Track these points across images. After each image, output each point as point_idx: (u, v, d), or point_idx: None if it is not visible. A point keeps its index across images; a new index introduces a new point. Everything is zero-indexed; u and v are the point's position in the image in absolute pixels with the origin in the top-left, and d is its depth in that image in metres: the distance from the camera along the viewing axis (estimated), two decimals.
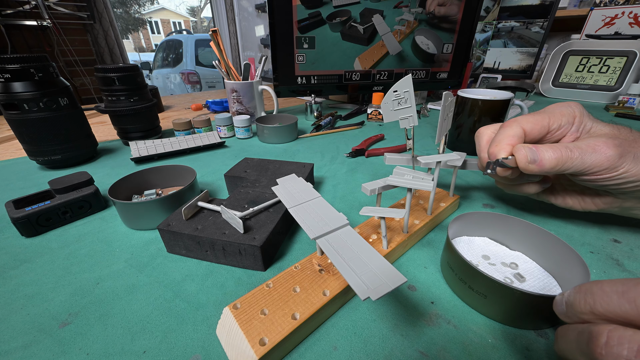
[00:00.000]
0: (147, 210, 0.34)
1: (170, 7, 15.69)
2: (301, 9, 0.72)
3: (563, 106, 0.27)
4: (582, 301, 0.14)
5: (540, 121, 0.26)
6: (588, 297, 0.14)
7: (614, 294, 0.13)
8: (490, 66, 1.19)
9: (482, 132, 0.31)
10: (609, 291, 0.14)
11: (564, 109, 0.26)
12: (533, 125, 0.26)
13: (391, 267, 0.19)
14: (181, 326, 0.23)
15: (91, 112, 0.99)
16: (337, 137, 0.69)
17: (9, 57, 0.44)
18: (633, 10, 1.00)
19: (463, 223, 0.29)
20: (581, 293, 0.15)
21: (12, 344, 0.22)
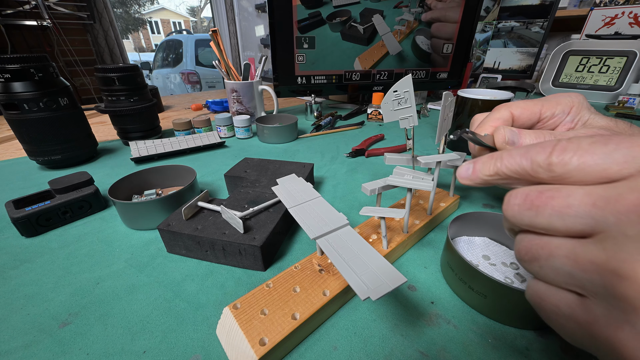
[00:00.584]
0: (147, 210, 0.34)
1: (170, 7, 15.70)
2: (301, 9, 0.72)
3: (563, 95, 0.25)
4: (491, 165, 0.16)
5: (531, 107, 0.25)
6: (497, 162, 0.16)
7: (517, 155, 0.15)
8: (490, 66, 1.19)
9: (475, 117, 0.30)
10: (515, 153, 0.15)
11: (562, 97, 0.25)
12: (522, 111, 0.25)
13: (391, 267, 0.19)
14: (181, 326, 0.23)
15: (91, 112, 0.99)
16: (337, 137, 0.69)
17: (9, 57, 0.44)
18: (633, 10, 1.00)
19: (463, 223, 0.29)
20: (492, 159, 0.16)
21: (12, 344, 0.22)
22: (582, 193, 0.12)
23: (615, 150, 0.12)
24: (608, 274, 0.11)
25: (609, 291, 0.11)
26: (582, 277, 0.12)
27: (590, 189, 0.12)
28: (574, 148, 0.13)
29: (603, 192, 0.12)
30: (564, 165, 0.13)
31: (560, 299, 0.13)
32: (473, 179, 0.18)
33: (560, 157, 0.13)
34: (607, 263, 0.11)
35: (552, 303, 0.14)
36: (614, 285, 0.11)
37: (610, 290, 0.11)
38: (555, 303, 0.13)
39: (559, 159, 0.13)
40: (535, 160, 0.14)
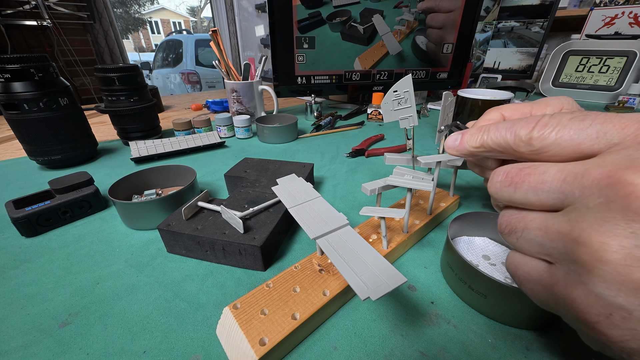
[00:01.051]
0: (147, 210, 0.34)
1: (170, 7, 15.70)
2: (301, 9, 0.72)
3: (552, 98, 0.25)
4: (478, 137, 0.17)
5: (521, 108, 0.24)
6: (484, 134, 0.17)
7: (503, 129, 0.16)
8: (490, 66, 1.19)
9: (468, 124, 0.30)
10: (501, 127, 0.16)
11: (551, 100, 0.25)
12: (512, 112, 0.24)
13: (391, 267, 0.19)
14: (181, 326, 0.23)
15: (91, 112, 0.99)
16: (337, 137, 0.69)
17: (9, 57, 0.44)
18: (633, 10, 1.00)
19: (463, 223, 0.29)
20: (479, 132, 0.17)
21: (12, 344, 0.22)
22: (556, 170, 0.13)
23: (589, 126, 0.13)
24: (570, 242, 0.12)
25: (569, 256, 0.12)
26: (549, 246, 0.13)
27: (563, 165, 0.13)
28: (554, 123, 0.14)
29: (573, 168, 0.13)
30: (542, 139, 0.14)
31: (531, 266, 0.15)
32: (460, 149, 0.19)
33: (541, 132, 0.14)
34: (570, 232, 0.12)
35: (525, 270, 0.15)
36: (573, 251, 0.12)
37: (570, 255, 0.12)
38: (527, 270, 0.15)
39: (539, 134, 0.14)
40: (518, 134, 0.15)
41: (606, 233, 0.11)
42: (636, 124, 0.12)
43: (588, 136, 0.13)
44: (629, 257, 0.10)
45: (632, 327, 0.11)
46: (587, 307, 0.12)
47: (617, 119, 0.13)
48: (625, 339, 0.11)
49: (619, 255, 0.11)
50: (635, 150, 0.11)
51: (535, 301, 0.15)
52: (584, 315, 0.12)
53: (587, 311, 0.12)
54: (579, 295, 0.12)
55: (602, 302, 0.11)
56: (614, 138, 0.12)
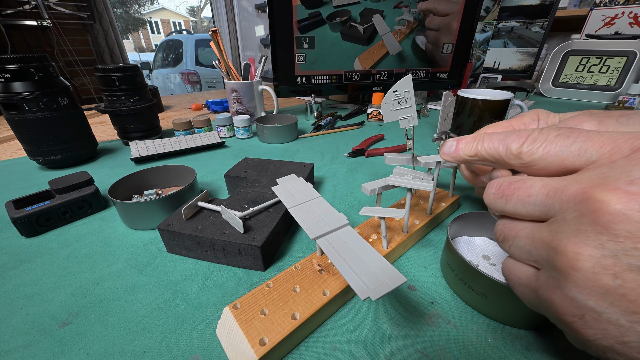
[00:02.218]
0: (147, 210, 0.34)
1: (170, 7, 15.70)
2: (301, 9, 0.72)
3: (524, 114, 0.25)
4: (472, 146, 0.18)
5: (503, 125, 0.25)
6: (478, 144, 0.18)
7: (496, 140, 0.17)
8: (490, 66, 1.19)
9: None
10: (495, 138, 0.17)
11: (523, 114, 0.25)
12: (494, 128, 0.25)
13: (391, 267, 0.19)
14: (181, 326, 0.23)
15: (91, 112, 0.99)
16: (337, 137, 0.69)
17: (9, 57, 0.44)
18: (633, 10, 1.00)
19: (463, 223, 0.29)
20: (474, 141, 0.18)
21: (12, 344, 0.22)
22: (541, 185, 0.14)
23: (573, 144, 0.14)
24: (550, 250, 0.13)
25: (550, 263, 0.14)
26: (535, 253, 0.15)
27: (548, 180, 0.14)
28: (543, 139, 0.15)
29: (555, 183, 0.14)
30: (531, 154, 0.15)
31: (521, 271, 0.16)
32: (454, 156, 0.19)
33: (530, 147, 0.15)
34: (551, 242, 0.13)
35: (516, 275, 0.16)
36: (553, 258, 0.13)
37: (551, 262, 0.14)
38: (518, 274, 0.16)
39: (528, 149, 0.15)
40: (509, 148, 0.16)
41: (579, 244, 0.12)
42: (612, 143, 0.13)
43: (571, 153, 0.14)
44: (597, 265, 0.12)
45: (602, 327, 0.12)
46: (564, 309, 0.13)
47: (597, 137, 0.14)
48: (597, 337, 0.12)
49: (589, 264, 0.12)
50: (608, 168, 0.13)
51: (525, 303, 0.16)
52: (562, 316, 0.13)
53: (564, 312, 0.13)
54: (557, 298, 0.13)
55: (575, 305, 0.13)
56: (592, 155, 0.13)
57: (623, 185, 0.12)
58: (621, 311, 0.12)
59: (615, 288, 0.12)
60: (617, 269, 0.11)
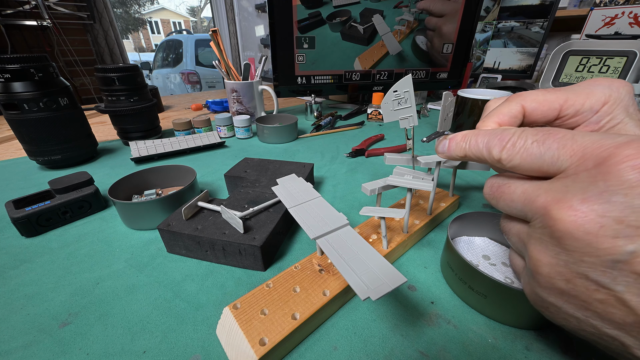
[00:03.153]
0: (147, 210, 0.34)
1: (170, 7, 15.69)
2: (301, 9, 0.72)
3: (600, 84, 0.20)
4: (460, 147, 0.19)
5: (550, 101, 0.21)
6: (466, 144, 0.19)
7: (481, 143, 0.18)
8: (490, 66, 1.19)
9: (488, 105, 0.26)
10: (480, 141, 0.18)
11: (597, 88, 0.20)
12: (538, 105, 0.21)
13: (391, 267, 0.19)
14: (181, 326, 0.23)
15: (91, 112, 0.99)
16: (337, 137, 0.69)
17: (9, 57, 0.44)
18: (633, 10, 1.00)
19: (463, 223, 0.29)
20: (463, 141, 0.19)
21: (12, 344, 0.22)
22: (521, 191, 0.16)
23: (546, 151, 0.15)
24: (525, 253, 0.16)
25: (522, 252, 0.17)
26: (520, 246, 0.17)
27: (527, 187, 0.16)
28: (520, 145, 0.16)
29: (531, 191, 0.15)
30: (509, 161, 0.16)
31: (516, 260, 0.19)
32: (448, 155, 0.20)
33: (508, 155, 0.16)
34: (526, 244, 0.16)
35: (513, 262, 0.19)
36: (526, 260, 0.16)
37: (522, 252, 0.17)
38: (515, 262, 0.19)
39: (506, 156, 0.16)
40: (490, 153, 0.17)
41: (540, 252, 0.14)
42: (581, 152, 0.13)
43: (545, 162, 0.15)
44: (552, 272, 0.14)
45: (563, 317, 0.15)
46: (533, 301, 0.16)
47: (570, 144, 0.14)
48: (563, 324, 0.15)
49: (547, 269, 0.14)
50: (571, 181, 0.13)
51: None
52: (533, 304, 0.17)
53: (534, 303, 0.16)
54: (528, 291, 0.17)
55: (540, 299, 0.16)
56: (563, 164, 0.14)
57: (576, 204, 0.13)
58: (576, 307, 0.14)
59: (569, 290, 0.14)
60: (568, 275, 0.13)
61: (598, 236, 0.12)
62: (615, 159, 0.12)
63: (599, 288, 0.13)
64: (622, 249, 0.12)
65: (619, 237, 0.12)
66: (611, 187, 0.12)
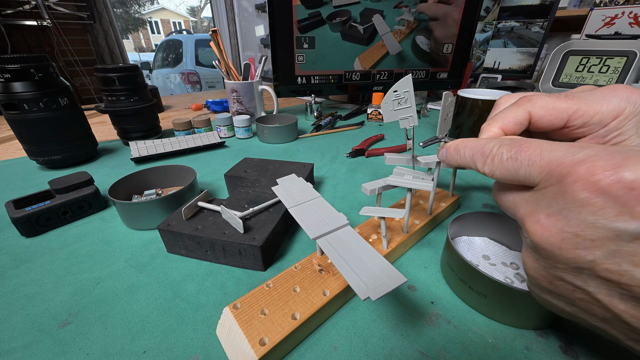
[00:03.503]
0: (147, 210, 0.34)
1: (170, 7, 15.69)
2: (301, 9, 0.72)
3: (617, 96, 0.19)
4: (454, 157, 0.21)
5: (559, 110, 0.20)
6: (457, 156, 0.20)
7: (469, 156, 0.19)
8: (490, 66, 1.19)
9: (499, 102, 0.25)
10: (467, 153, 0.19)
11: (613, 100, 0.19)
12: (545, 114, 0.20)
13: (391, 267, 0.19)
14: (181, 326, 0.23)
15: (91, 112, 0.99)
16: (337, 137, 0.69)
17: (9, 57, 0.44)
18: (633, 10, 1.00)
19: (463, 223, 0.29)
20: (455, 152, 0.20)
21: (12, 344, 0.22)
22: (511, 200, 0.17)
23: (519, 168, 0.16)
24: None
25: None
26: None
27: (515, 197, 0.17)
28: (497, 161, 0.17)
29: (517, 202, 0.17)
30: (491, 175, 0.18)
31: None
32: (446, 164, 0.22)
33: (489, 169, 0.18)
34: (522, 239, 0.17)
35: None
36: None
37: None
38: None
39: (488, 170, 0.18)
40: (475, 165, 0.19)
41: (527, 255, 0.16)
42: (548, 168, 0.14)
43: (520, 176, 0.16)
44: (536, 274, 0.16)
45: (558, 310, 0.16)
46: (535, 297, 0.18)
47: (538, 161, 0.15)
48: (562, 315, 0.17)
49: (532, 272, 0.16)
50: (541, 195, 0.15)
51: None
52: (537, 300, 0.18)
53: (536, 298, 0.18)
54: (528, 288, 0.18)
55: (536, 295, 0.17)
56: (535, 179, 0.15)
57: (542, 218, 0.14)
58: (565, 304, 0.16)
59: (553, 289, 0.15)
60: (549, 278, 0.15)
61: (562, 248, 0.14)
62: (571, 178, 0.13)
63: (575, 289, 0.14)
64: (584, 259, 0.13)
65: (579, 248, 0.13)
66: (568, 205, 0.13)
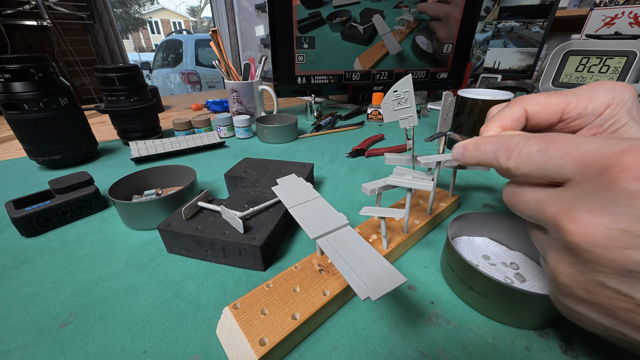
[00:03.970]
0: (147, 210, 0.34)
1: (170, 7, 15.69)
2: (301, 9, 0.72)
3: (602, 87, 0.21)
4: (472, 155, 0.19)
5: (552, 104, 0.21)
6: (477, 152, 0.19)
7: (490, 151, 0.18)
8: (490, 66, 1.19)
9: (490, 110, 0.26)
10: (488, 150, 0.18)
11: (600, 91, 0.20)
12: (540, 109, 0.21)
13: (391, 267, 0.19)
14: (181, 326, 0.23)
15: (91, 112, 0.99)
16: (337, 137, 0.69)
17: (9, 57, 0.44)
18: (633, 10, 1.00)
19: (463, 223, 0.29)
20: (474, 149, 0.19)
21: (12, 344, 0.22)
22: (533, 199, 0.16)
23: (550, 160, 0.14)
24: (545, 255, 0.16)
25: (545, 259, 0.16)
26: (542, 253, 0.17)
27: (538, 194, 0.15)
28: (525, 154, 0.16)
29: (543, 200, 0.15)
30: (516, 170, 0.16)
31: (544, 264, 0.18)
32: (463, 162, 0.20)
33: (514, 164, 0.16)
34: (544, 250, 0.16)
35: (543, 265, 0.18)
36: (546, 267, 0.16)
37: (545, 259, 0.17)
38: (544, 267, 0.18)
39: (513, 164, 0.16)
40: (498, 162, 0.17)
41: (558, 260, 0.15)
42: (586, 160, 0.13)
43: (551, 170, 0.15)
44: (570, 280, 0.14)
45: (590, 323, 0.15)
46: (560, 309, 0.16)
47: (574, 151, 0.14)
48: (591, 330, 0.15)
49: (565, 279, 0.14)
50: (578, 191, 0.13)
51: None
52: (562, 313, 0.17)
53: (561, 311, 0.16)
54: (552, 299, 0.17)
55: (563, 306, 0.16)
56: (569, 173, 0.14)
57: (583, 215, 0.13)
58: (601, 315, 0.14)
59: (590, 299, 0.14)
60: (587, 285, 0.13)
61: (608, 248, 0.12)
62: (617, 168, 0.12)
63: (619, 296, 0.12)
64: (634, 259, 0.11)
65: (629, 247, 0.11)
66: (614, 198, 0.12)
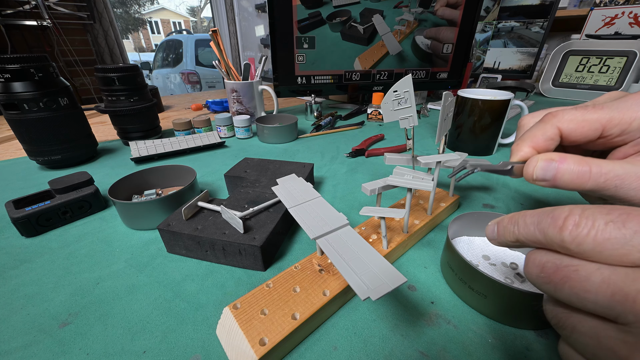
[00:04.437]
0: (147, 210, 0.34)
1: (170, 7, 15.69)
2: (301, 9, 0.72)
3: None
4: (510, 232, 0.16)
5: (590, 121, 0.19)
6: (515, 228, 0.16)
7: (532, 225, 0.15)
8: (490, 66, 1.19)
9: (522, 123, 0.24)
10: (529, 222, 0.15)
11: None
12: (576, 127, 0.19)
13: (391, 267, 0.19)
14: (181, 326, 0.23)
15: (91, 112, 0.99)
16: (337, 137, 0.69)
17: (9, 57, 0.44)
18: (633, 10, 1.00)
19: (463, 223, 0.29)
20: (511, 224, 0.16)
21: (12, 344, 0.22)
22: (600, 280, 0.12)
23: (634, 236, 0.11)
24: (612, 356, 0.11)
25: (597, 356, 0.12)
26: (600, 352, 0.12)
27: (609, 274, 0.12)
28: (589, 226, 0.12)
29: (623, 284, 0.11)
30: (578, 245, 0.12)
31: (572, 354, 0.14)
32: (499, 242, 0.17)
33: (573, 236, 0.12)
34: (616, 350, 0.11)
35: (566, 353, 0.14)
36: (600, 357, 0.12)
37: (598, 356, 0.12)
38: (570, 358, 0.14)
39: (571, 238, 0.12)
40: (547, 235, 0.14)
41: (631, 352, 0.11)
42: None
43: (633, 248, 0.11)
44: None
45: None
46: None
47: None
48: None
49: None
50: None
51: None
52: None
53: None
54: None
55: None
56: None
57: None
58: None
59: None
60: None
61: None
62: None
63: None
64: None
65: None
66: None
